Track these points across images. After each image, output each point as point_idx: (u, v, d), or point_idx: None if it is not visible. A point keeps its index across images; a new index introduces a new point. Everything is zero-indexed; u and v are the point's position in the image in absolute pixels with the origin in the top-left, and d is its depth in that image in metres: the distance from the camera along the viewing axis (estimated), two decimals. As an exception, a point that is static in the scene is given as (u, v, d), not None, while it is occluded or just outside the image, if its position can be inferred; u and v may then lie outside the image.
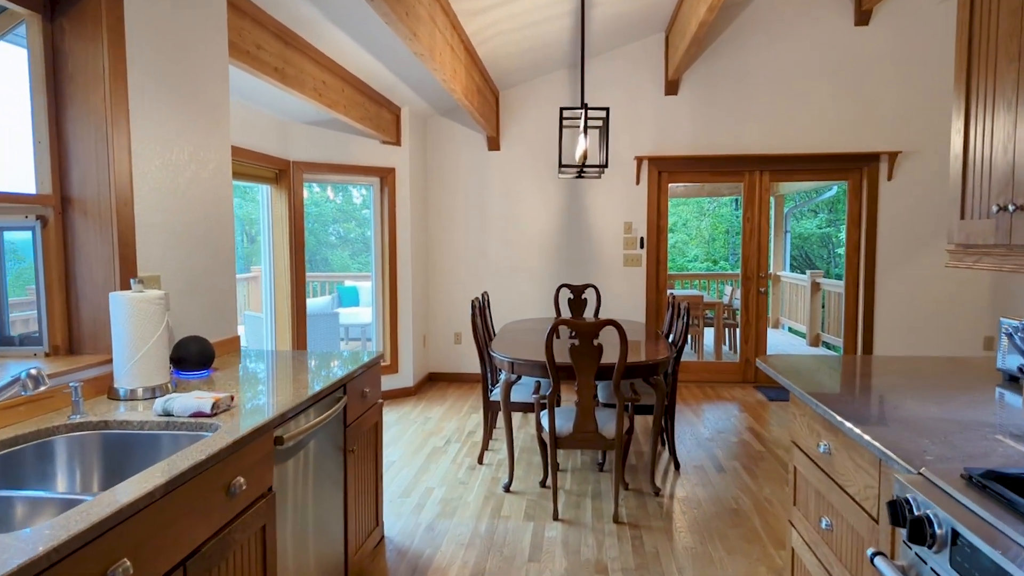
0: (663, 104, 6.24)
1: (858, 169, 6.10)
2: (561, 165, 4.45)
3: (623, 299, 6.36)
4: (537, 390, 3.65)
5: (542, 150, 6.41)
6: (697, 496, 3.64)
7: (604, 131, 4.47)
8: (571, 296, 5.89)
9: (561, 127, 4.66)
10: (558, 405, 3.88)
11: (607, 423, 3.42)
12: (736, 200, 17.21)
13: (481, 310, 4.49)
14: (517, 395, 4.03)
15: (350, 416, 2.55)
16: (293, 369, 2.54)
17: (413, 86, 5.34)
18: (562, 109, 4.62)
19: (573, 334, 3.26)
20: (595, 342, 3.22)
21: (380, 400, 2.96)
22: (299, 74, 3.84)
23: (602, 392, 4.00)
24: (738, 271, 6.52)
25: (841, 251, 14.65)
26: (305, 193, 5.40)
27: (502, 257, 6.52)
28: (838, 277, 12.21)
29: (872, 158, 6.02)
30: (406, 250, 5.97)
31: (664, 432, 4.35)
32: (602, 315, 6.28)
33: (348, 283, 10.54)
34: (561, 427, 3.40)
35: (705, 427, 5.00)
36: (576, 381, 3.28)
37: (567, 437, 3.35)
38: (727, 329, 8.09)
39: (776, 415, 5.32)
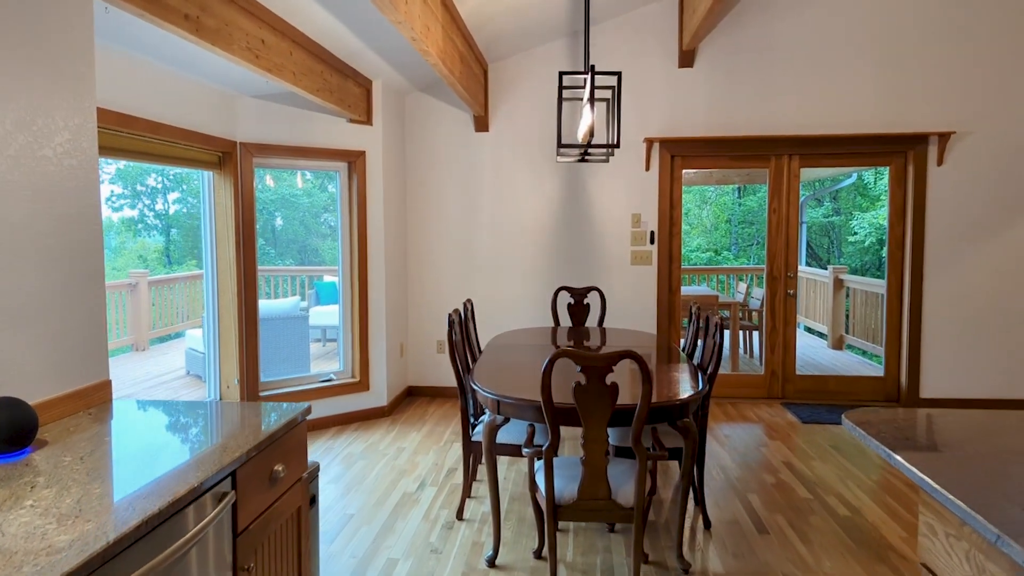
0: (676, 78, 5.39)
1: (902, 153, 5.27)
2: (560, 145, 3.60)
3: (631, 302, 5.53)
4: (531, 439, 2.82)
5: (537, 132, 5.55)
6: (737, 572, 2.83)
7: (614, 103, 3.62)
8: (571, 301, 5.06)
9: (560, 98, 3.81)
10: (557, 455, 3.05)
11: (623, 484, 2.60)
12: (739, 189, 16.40)
13: (463, 324, 3.66)
14: (506, 435, 3.21)
15: (245, 517, 1.71)
16: (164, 438, 1.70)
17: (385, 55, 4.47)
18: (562, 74, 3.76)
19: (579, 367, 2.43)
20: (608, 380, 2.40)
21: (307, 473, 2.12)
22: (223, 27, 2.97)
23: (612, 434, 3.18)
24: (748, 263, 5.68)
25: (852, 241, 13.88)
26: (299, 181, 4.53)
27: (492, 254, 5.68)
28: (856, 272, 11.37)
29: (919, 140, 5.19)
30: (378, 246, 5.12)
31: (693, 485, 3.53)
32: (608, 321, 5.46)
33: (328, 278, 9.69)
34: (563, 491, 2.58)
35: (732, 459, 4.19)
36: (581, 427, 2.46)
37: (571, 506, 2.53)
38: (742, 332, 7.27)
39: (813, 442, 4.51)
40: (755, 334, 7.16)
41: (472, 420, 3.41)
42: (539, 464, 2.76)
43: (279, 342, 6.05)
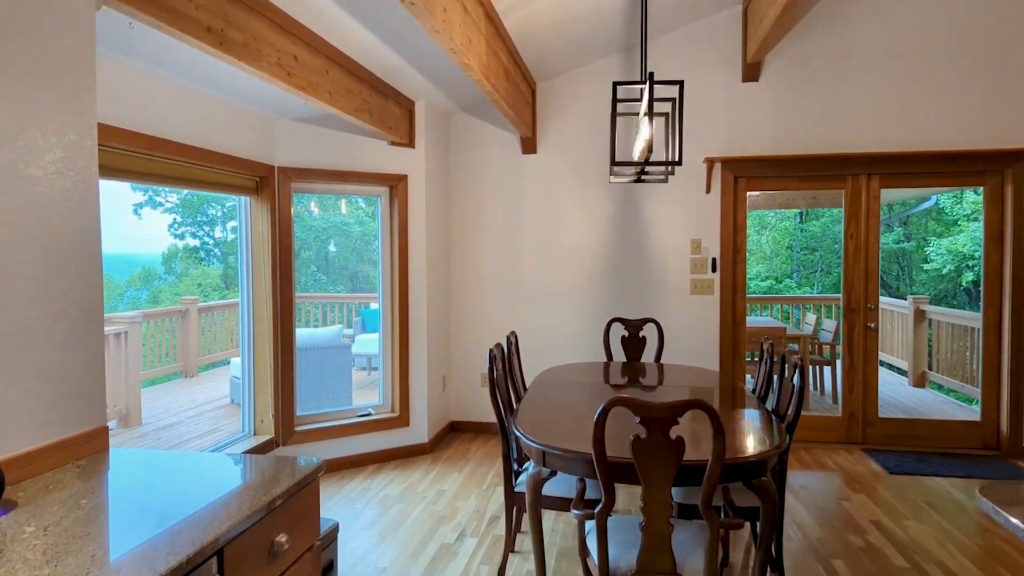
0: (740, 93, 5.01)
1: (999, 171, 4.74)
2: (614, 163, 3.28)
3: (690, 335, 5.12)
4: (581, 496, 2.46)
5: (588, 153, 5.25)
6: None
7: (675, 115, 3.28)
8: (626, 333, 4.68)
9: (615, 112, 3.50)
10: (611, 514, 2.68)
11: (689, 553, 2.21)
12: (801, 213, 15.67)
13: (506, 359, 3.34)
14: (554, 486, 2.86)
15: (232, 605, 1.42)
16: (147, 500, 1.43)
17: (428, 73, 4.26)
18: (616, 84, 3.46)
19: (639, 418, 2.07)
20: (673, 434, 2.03)
21: (320, 540, 1.82)
22: (251, 42, 2.79)
23: (675, 492, 2.78)
24: (812, 292, 5.19)
25: (927, 269, 12.99)
26: (343, 207, 4.35)
27: (540, 282, 5.37)
28: (932, 302, 10.60)
29: (1019, 156, 4.65)
30: (419, 274, 4.87)
31: (770, 552, 3.10)
32: (666, 356, 5.05)
33: (374, 305, 9.54)
34: (618, 560, 2.21)
35: (810, 515, 3.71)
36: (640, 486, 2.09)
37: (627, 581, 2.15)
38: (813, 367, 6.71)
39: (904, 497, 3.98)
40: (827, 369, 6.60)
41: (515, 467, 3.07)
42: (590, 526, 2.39)
43: (321, 372, 5.85)
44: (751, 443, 2.41)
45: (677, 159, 3.27)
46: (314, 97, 3.33)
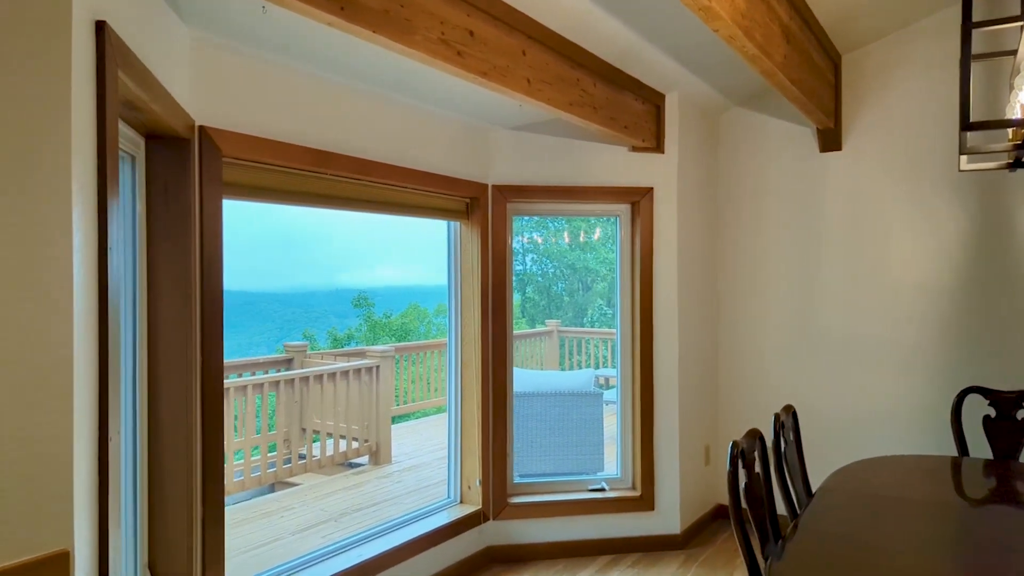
0: None
1: None
2: (967, 126, 1.87)
3: (1118, 421, 3.11)
4: None
5: (921, 145, 3.63)
6: None
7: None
8: (992, 413, 2.97)
9: (967, 62, 2.10)
10: None
11: None
12: None
13: (774, 454, 2.12)
14: None
15: None
16: None
17: (679, 53, 3.24)
18: (970, 24, 2.07)
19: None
20: None
21: None
22: (396, 8, 2.11)
23: None
24: None
25: None
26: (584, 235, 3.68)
27: (845, 327, 3.84)
28: None
29: None
30: (669, 311, 3.78)
31: None
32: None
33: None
34: None
35: None
36: None
37: None
38: None
39: None
40: None
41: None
42: None
43: (564, 426, 5.02)
44: None
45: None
46: (502, 85, 2.56)
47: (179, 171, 2.04)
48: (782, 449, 2.30)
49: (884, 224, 3.73)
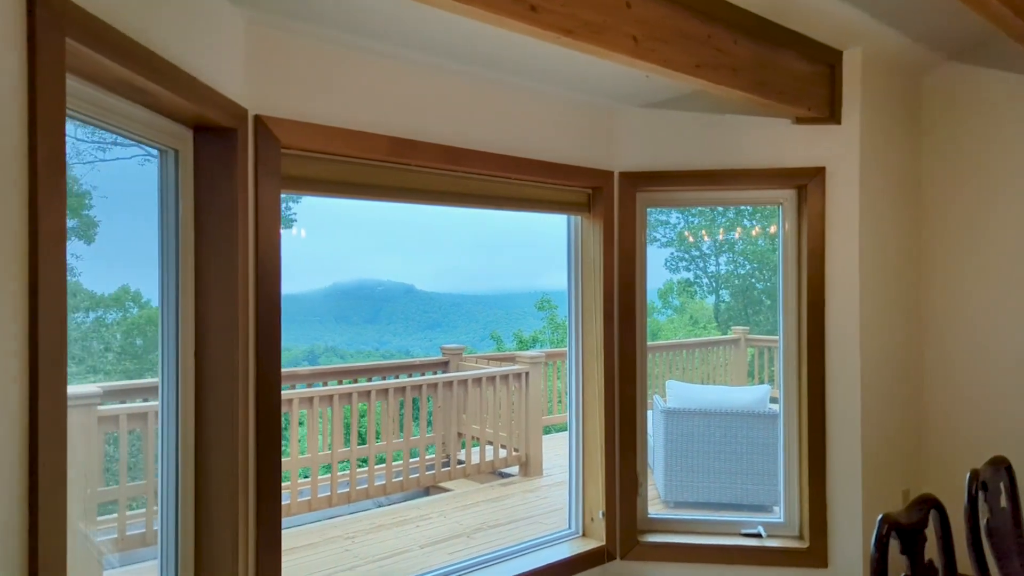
0: None
1: None
2: None
3: None
4: None
5: None
6: None
7: None
8: None
9: None
10: None
11: None
12: None
13: (968, 521, 1.45)
14: None
15: None
16: None
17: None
18: None
19: None
20: None
21: None
22: (447, -41, 1.78)
23: None
24: None
25: None
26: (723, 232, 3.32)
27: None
28: None
29: None
30: (849, 321, 3.00)
31: None
32: None
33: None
34: None
35: None
36: None
37: None
38: None
39: None
40: None
41: None
42: None
43: (729, 451, 4.33)
44: None
45: None
46: (597, 45, 2.10)
47: (224, 164, 1.89)
48: (981, 522, 1.59)
49: None
